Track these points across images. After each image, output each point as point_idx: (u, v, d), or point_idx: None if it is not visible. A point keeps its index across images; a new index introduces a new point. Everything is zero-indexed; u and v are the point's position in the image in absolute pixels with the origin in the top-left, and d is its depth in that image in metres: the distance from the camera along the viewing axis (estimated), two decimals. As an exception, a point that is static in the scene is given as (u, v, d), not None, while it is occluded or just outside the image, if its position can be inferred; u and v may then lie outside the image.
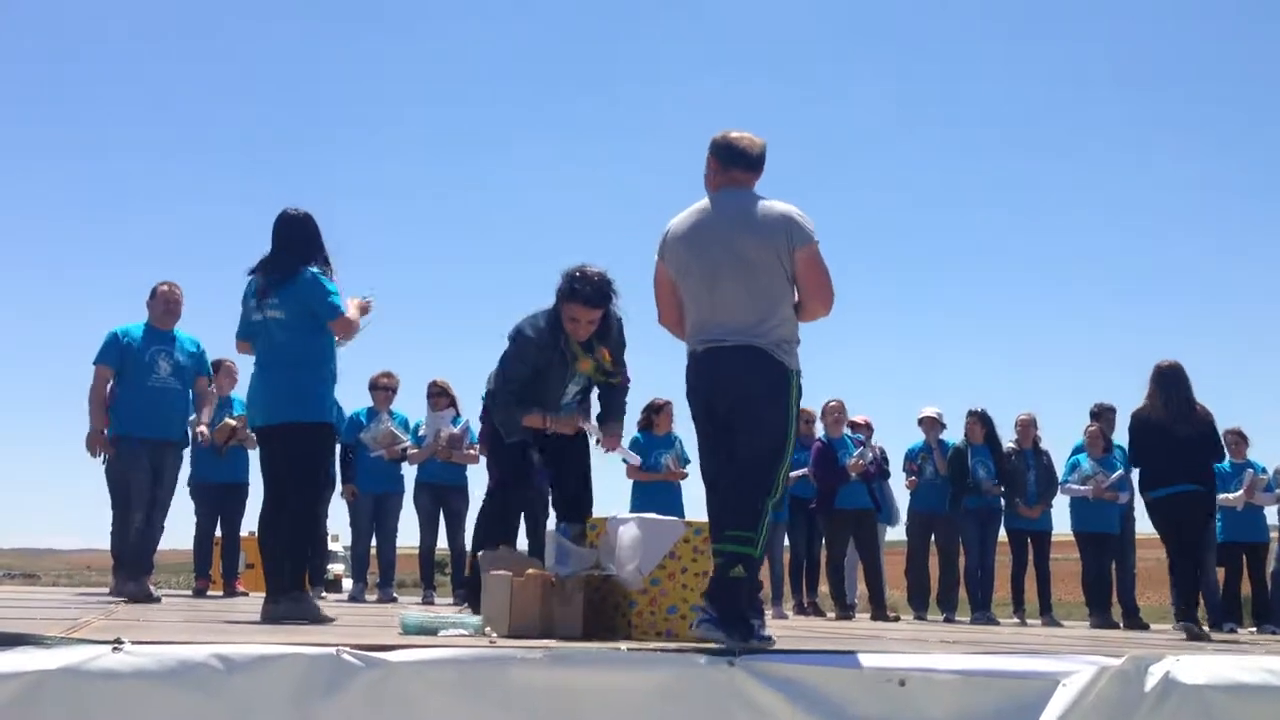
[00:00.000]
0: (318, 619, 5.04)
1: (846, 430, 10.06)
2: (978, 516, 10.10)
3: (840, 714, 3.60)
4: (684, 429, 9.57)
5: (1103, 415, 10.48)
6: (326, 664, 3.30)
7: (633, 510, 8.48)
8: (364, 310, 5.43)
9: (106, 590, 8.78)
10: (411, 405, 9.85)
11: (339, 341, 5.42)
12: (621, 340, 5.56)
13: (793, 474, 7.78)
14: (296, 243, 5.36)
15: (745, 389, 4.15)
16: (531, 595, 4.27)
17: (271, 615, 5.05)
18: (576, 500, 5.54)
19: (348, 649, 3.34)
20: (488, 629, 4.26)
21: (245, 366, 6.15)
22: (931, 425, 10.44)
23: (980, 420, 10.22)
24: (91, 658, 3.11)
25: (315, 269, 5.32)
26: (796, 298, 4.26)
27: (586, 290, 5.18)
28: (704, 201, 4.36)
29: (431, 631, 4.16)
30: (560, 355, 5.35)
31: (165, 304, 7.83)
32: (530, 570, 4.38)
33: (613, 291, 5.29)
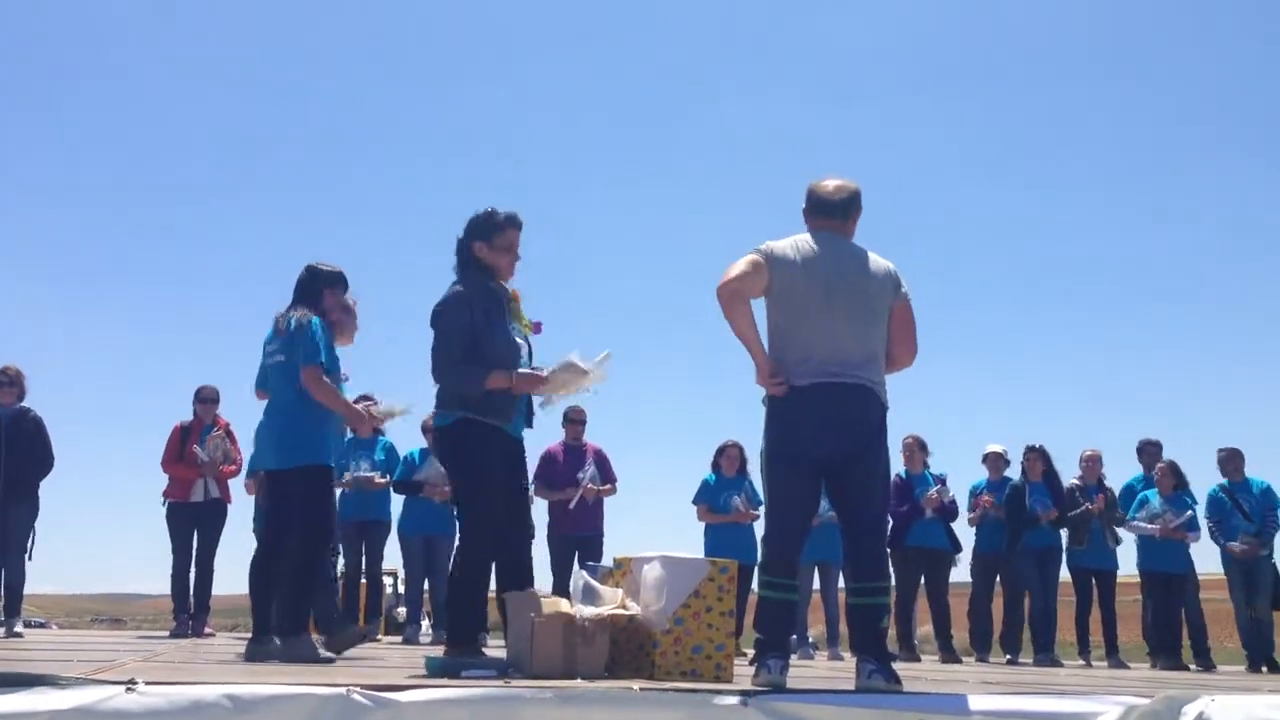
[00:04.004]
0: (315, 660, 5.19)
1: (927, 468, 9.96)
2: (1036, 555, 9.86)
3: (856, 756, 3.54)
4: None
5: (1145, 450, 10.34)
6: (336, 704, 3.31)
7: (707, 553, 8.49)
8: (378, 417, 5.88)
9: (168, 633, 8.96)
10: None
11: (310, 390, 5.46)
12: None
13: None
14: (302, 294, 5.66)
15: (863, 434, 4.31)
16: (553, 636, 4.27)
17: (251, 655, 5.31)
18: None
19: (358, 689, 3.36)
20: (510, 669, 4.26)
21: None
22: (996, 462, 10.29)
23: (1039, 457, 10.04)
24: (104, 698, 3.16)
25: (315, 318, 5.53)
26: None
27: (513, 213, 4.83)
28: (807, 237, 4.45)
29: (454, 672, 4.18)
30: (499, 304, 4.80)
31: None
32: (552, 610, 4.38)
33: None
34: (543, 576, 9.35)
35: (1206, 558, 10.15)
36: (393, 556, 10.07)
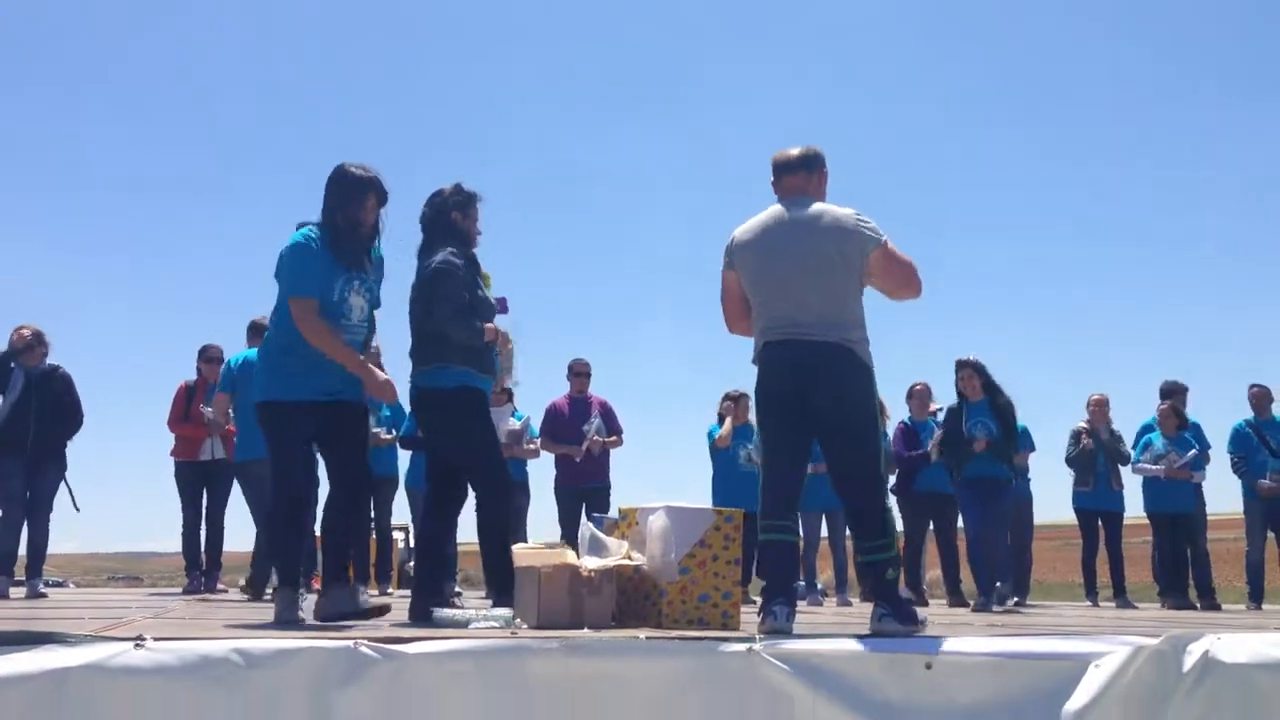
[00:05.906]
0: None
1: (933, 415, 9.83)
2: (974, 487, 8.50)
3: (862, 698, 3.56)
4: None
5: (1175, 394, 10.22)
6: (344, 657, 3.35)
7: (715, 503, 8.51)
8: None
9: (180, 590, 9.04)
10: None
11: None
12: None
13: None
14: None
15: (839, 391, 4.35)
16: (560, 587, 4.28)
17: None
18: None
19: (365, 641, 3.38)
20: (518, 621, 4.28)
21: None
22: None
23: (974, 371, 8.67)
24: (114, 654, 3.19)
25: (300, 233, 4.64)
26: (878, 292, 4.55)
27: (477, 190, 5.11)
28: (768, 210, 4.56)
29: (462, 624, 4.21)
30: (476, 273, 5.10)
31: None
32: (558, 561, 4.39)
33: None
34: (551, 529, 9.41)
35: (1218, 497, 10.15)
36: (401, 511, 10.10)
